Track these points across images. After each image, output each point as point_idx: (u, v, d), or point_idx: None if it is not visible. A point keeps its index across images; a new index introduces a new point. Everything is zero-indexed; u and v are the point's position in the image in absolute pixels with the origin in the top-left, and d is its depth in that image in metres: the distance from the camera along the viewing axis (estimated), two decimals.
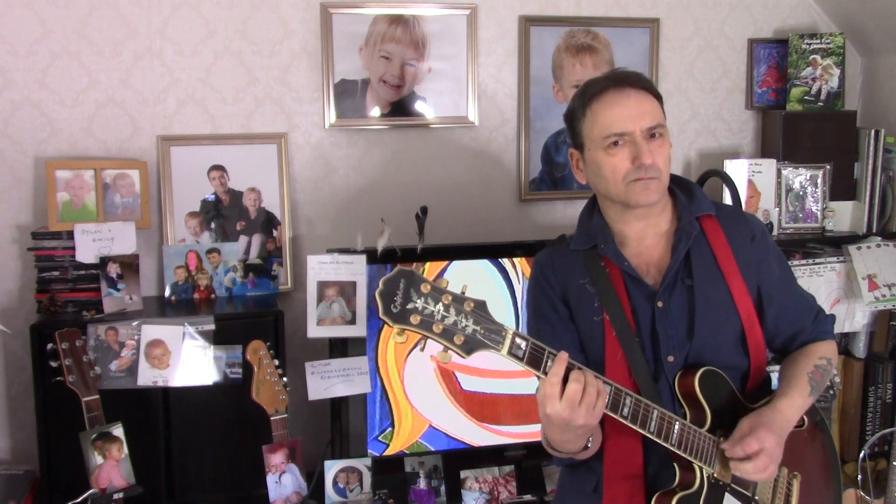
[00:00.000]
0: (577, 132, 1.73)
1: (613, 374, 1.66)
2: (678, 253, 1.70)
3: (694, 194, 1.79)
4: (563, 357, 1.48)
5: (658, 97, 1.71)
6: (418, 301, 1.36)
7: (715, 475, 1.64)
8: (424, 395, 2.69)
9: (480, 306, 1.40)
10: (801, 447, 1.75)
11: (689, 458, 1.62)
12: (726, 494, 1.65)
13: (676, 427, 1.60)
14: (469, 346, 1.39)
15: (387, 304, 1.35)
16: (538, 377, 1.49)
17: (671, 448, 1.60)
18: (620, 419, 1.55)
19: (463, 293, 1.40)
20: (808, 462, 1.79)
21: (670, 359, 1.68)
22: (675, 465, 1.66)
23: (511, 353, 1.43)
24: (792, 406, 1.68)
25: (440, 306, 1.37)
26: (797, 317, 1.80)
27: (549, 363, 1.48)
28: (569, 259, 1.77)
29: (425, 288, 1.37)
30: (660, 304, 1.69)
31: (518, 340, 1.43)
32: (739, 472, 1.61)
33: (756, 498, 1.70)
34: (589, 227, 1.77)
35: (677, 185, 1.80)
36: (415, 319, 1.36)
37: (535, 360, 1.47)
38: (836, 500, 1.86)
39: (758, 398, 1.75)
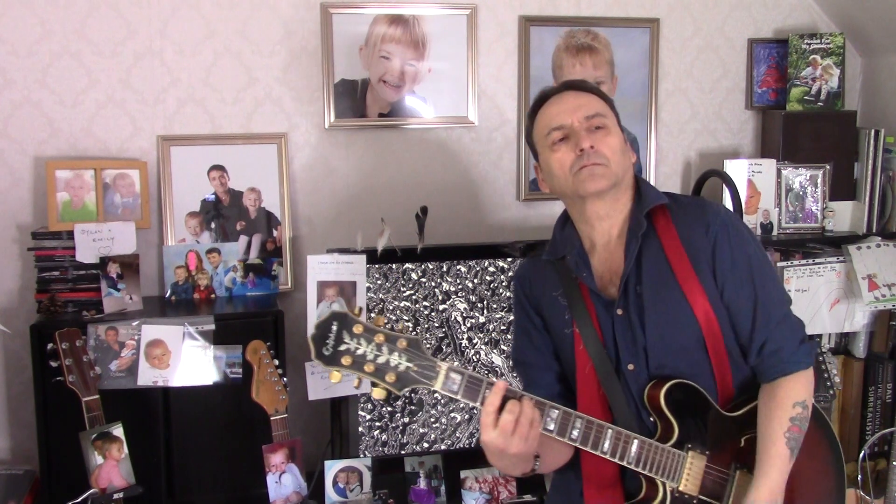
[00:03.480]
0: (532, 144, 1.79)
1: (584, 386, 1.68)
2: (629, 256, 1.68)
3: (642, 190, 1.75)
4: (500, 387, 1.49)
5: (606, 99, 1.75)
6: (350, 342, 1.40)
7: (679, 489, 1.63)
8: None
9: (413, 344, 1.43)
10: (798, 457, 1.70)
11: (649, 475, 1.62)
12: None
13: (634, 446, 1.59)
14: (401, 384, 1.43)
15: (319, 347, 1.40)
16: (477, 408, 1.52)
17: (629, 467, 1.60)
18: (569, 442, 1.56)
19: (400, 330, 1.43)
20: (800, 466, 1.73)
21: (630, 367, 1.67)
22: (641, 477, 1.65)
23: (445, 388, 1.45)
24: (772, 488, 1.62)
25: (372, 346, 1.41)
26: (758, 317, 1.67)
27: (486, 394, 1.49)
28: (545, 271, 1.79)
29: (357, 329, 1.40)
30: (619, 312, 1.68)
31: (453, 375, 1.45)
32: None
33: None
34: (560, 238, 1.79)
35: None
36: (346, 361, 1.40)
37: (471, 393, 1.49)
38: (837, 499, 1.82)
39: (740, 406, 1.70)
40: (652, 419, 1.67)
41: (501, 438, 1.47)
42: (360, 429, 2.66)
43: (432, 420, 2.71)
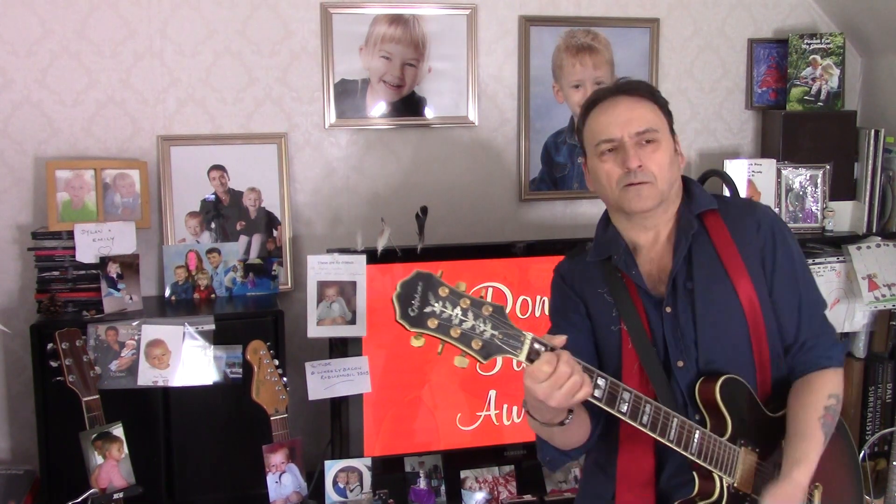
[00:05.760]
0: (581, 142, 1.78)
1: (630, 383, 1.65)
2: (678, 255, 1.69)
3: (692, 192, 1.77)
4: (562, 340, 1.46)
5: (660, 102, 1.72)
6: (436, 305, 1.33)
7: (735, 485, 1.62)
8: None
9: (499, 311, 1.38)
10: (823, 459, 1.70)
11: (709, 468, 1.60)
12: None
13: (697, 436, 1.58)
14: (487, 352, 1.37)
15: (404, 307, 1.33)
16: None
17: (691, 457, 1.59)
18: (640, 427, 1.54)
19: (481, 297, 1.38)
20: (830, 472, 1.75)
21: (680, 364, 1.67)
22: (694, 473, 1.64)
23: (529, 360, 1.41)
24: (809, 472, 1.62)
25: (458, 310, 1.35)
26: (802, 317, 1.73)
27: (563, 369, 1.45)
28: (587, 269, 1.78)
29: (443, 291, 1.34)
30: (668, 309, 1.68)
31: (537, 346, 1.41)
32: None
33: None
34: (604, 239, 1.78)
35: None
36: (432, 323, 1.33)
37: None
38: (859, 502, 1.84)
39: (779, 405, 1.72)
40: (698, 417, 1.66)
41: (549, 389, 1.42)
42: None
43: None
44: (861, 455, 2.97)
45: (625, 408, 1.51)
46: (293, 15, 2.83)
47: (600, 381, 1.48)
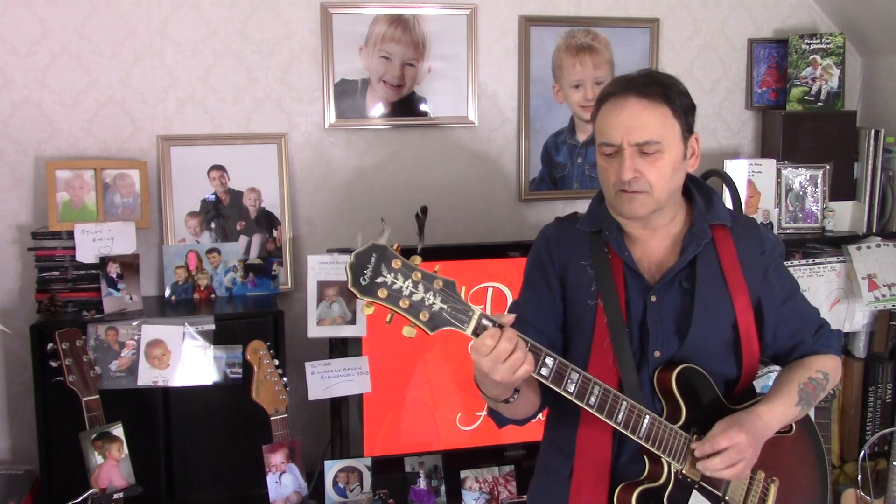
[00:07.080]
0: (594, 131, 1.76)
1: (598, 360, 1.68)
2: (685, 255, 1.70)
3: (713, 203, 1.78)
4: (510, 319, 1.47)
5: (673, 104, 1.66)
6: (388, 276, 1.39)
7: (683, 472, 1.65)
8: None
9: (449, 286, 1.42)
10: (783, 453, 1.74)
11: (656, 453, 1.63)
12: (694, 492, 1.66)
13: (646, 421, 1.60)
14: (434, 324, 1.41)
15: (356, 276, 1.38)
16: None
17: (638, 441, 1.61)
18: (587, 408, 1.56)
19: (434, 272, 1.42)
20: (791, 468, 1.78)
21: (657, 354, 1.68)
22: (645, 457, 1.67)
23: (475, 334, 1.44)
24: (772, 413, 1.68)
25: (409, 282, 1.40)
26: (796, 330, 1.79)
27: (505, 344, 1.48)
28: (575, 238, 1.78)
29: (396, 264, 1.39)
30: (653, 298, 1.69)
31: (484, 322, 1.44)
32: (707, 470, 1.61)
33: (727, 498, 1.69)
34: (598, 212, 1.77)
35: (697, 190, 1.80)
36: (382, 293, 1.38)
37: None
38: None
39: (740, 402, 1.75)
40: (659, 404, 1.68)
41: (491, 363, 1.44)
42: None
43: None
44: (861, 455, 2.97)
45: (572, 388, 1.54)
46: (293, 15, 2.83)
47: (548, 361, 1.51)
